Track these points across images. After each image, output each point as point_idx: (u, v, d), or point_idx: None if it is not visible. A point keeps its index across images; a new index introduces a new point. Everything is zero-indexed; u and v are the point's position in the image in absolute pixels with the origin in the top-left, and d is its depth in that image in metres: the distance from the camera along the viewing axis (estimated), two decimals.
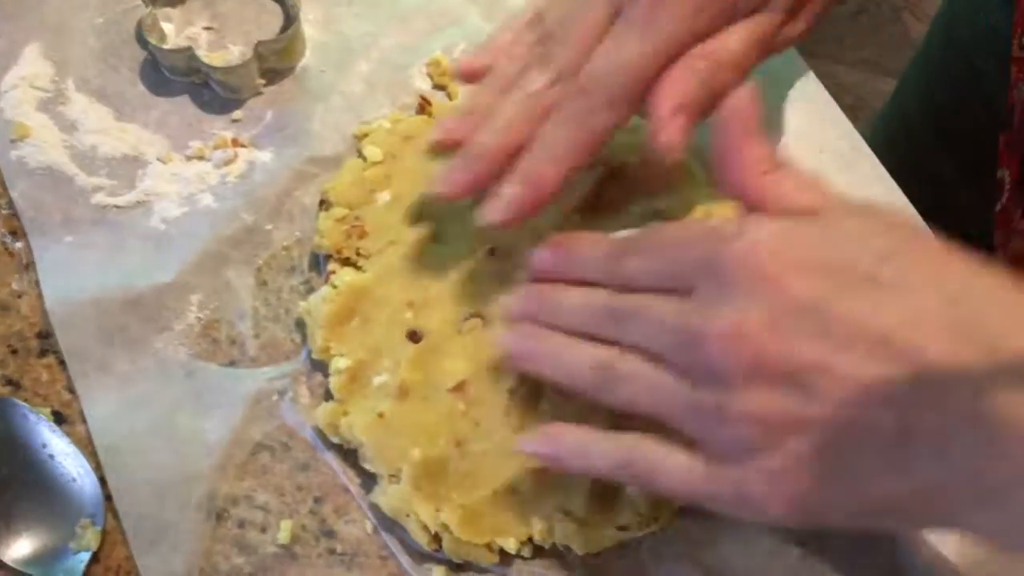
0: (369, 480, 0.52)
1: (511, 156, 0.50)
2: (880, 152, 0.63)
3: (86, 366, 0.54)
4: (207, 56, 0.62)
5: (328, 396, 0.53)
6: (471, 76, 0.53)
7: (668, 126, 0.48)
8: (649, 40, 0.48)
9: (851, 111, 0.65)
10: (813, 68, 0.65)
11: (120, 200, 0.59)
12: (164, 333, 0.55)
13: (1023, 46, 0.68)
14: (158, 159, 0.60)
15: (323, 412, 0.52)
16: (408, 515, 0.50)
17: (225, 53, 0.64)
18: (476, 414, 0.51)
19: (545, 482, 0.50)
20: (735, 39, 0.49)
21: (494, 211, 0.50)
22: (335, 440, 0.53)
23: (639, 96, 0.49)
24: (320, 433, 0.53)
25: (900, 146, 0.82)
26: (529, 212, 0.49)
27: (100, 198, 0.59)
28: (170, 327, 0.55)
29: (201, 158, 0.60)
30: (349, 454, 0.53)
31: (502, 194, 0.49)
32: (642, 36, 0.48)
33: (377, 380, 0.53)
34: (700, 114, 0.49)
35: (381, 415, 0.51)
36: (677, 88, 0.48)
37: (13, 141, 0.60)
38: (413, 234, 0.56)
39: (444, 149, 0.52)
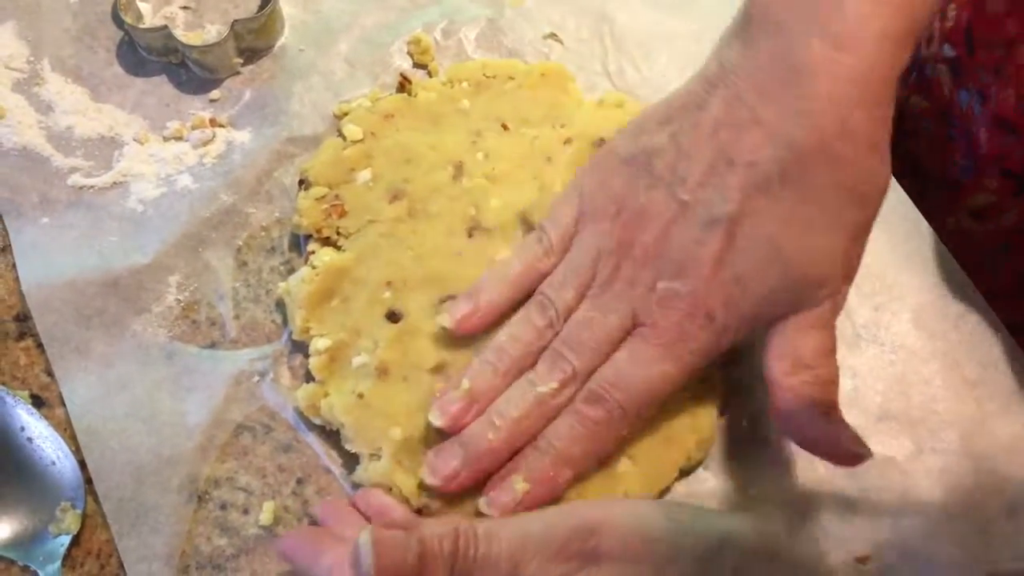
0: (351, 460, 0.52)
1: (515, 452, 0.49)
2: None
3: (64, 349, 0.54)
4: (184, 35, 0.62)
5: (309, 377, 0.53)
6: (466, 331, 0.52)
7: (842, 445, 0.47)
8: (680, 362, 0.48)
9: None
10: None
11: (96, 181, 0.58)
12: (143, 315, 0.55)
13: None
14: (135, 140, 0.60)
15: (303, 393, 0.52)
16: (391, 489, 0.50)
17: (202, 32, 0.63)
18: None
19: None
20: (802, 345, 0.48)
21: (498, 508, 0.47)
22: (316, 421, 0.52)
23: (654, 411, 0.50)
24: (302, 414, 0.53)
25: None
26: (535, 508, 0.48)
27: (76, 179, 0.58)
28: (148, 309, 0.55)
29: (178, 138, 0.60)
30: (331, 434, 0.53)
31: (515, 491, 0.47)
32: (672, 357, 0.48)
33: (357, 360, 0.52)
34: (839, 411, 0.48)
35: (361, 395, 0.51)
36: (811, 406, 0.47)
37: None
38: (393, 213, 0.56)
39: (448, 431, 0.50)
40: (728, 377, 0.55)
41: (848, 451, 0.46)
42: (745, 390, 0.55)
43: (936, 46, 0.72)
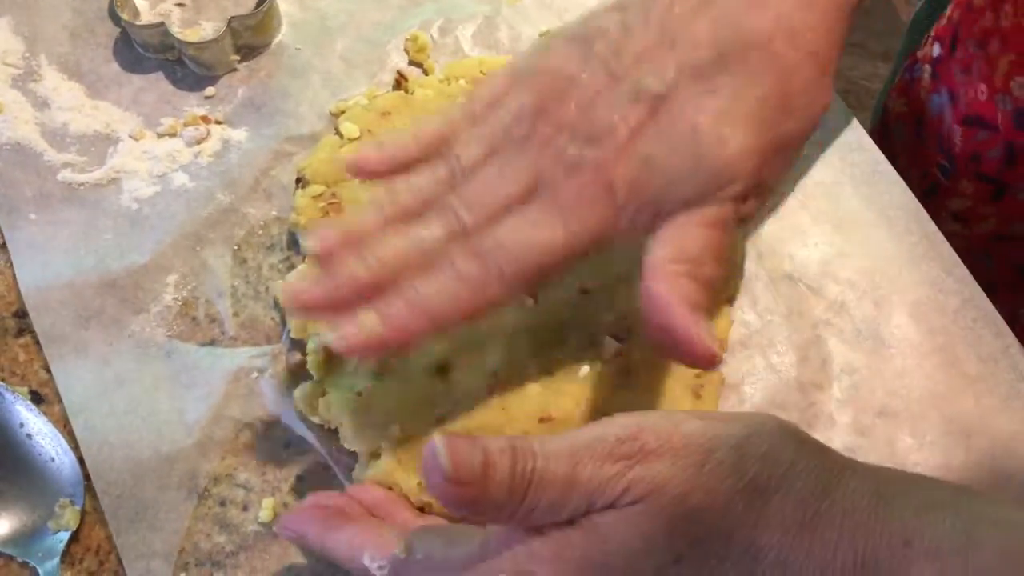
0: (350, 458, 0.52)
1: (379, 291, 0.46)
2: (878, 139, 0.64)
3: (62, 349, 0.54)
4: (180, 32, 0.62)
5: (307, 375, 0.53)
6: (363, 172, 0.50)
7: (698, 338, 0.44)
8: (568, 229, 0.46)
9: (841, 95, 0.65)
10: None
11: (88, 177, 0.58)
12: (141, 315, 0.55)
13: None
14: (130, 136, 0.60)
15: (301, 392, 0.52)
16: (391, 488, 0.49)
17: (199, 29, 0.63)
18: (456, 393, 0.51)
19: None
20: (692, 238, 0.46)
21: (346, 339, 0.44)
22: (315, 420, 0.52)
23: (535, 281, 0.47)
24: (300, 411, 0.53)
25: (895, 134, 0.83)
26: (379, 354, 0.47)
27: (67, 174, 0.58)
28: (147, 309, 0.55)
29: (173, 135, 0.60)
30: (330, 432, 0.52)
31: (362, 326, 0.44)
32: (562, 223, 0.46)
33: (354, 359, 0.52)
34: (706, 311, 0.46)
35: (359, 394, 0.51)
36: (678, 292, 0.45)
37: None
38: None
39: (318, 264, 0.47)
40: (728, 374, 0.55)
41: (704, 349, 0.44)
42: (745, 388, 0.55)
43: (929, 46, 0.73)
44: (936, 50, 0.70)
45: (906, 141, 0.74)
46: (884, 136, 0.65)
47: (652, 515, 0.39)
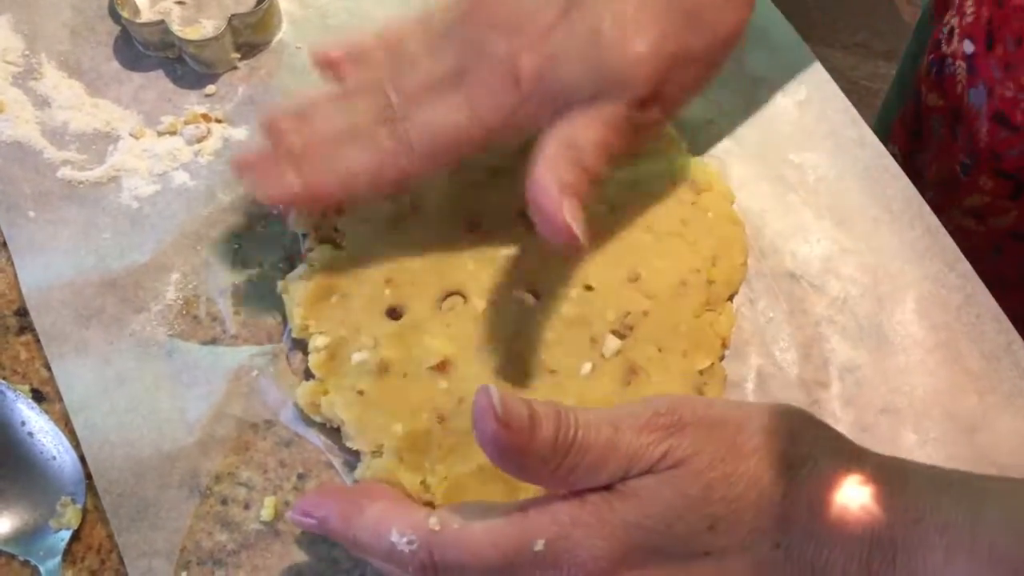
0: (353, 456, 0.52)
1: (308, 158, 0.51)
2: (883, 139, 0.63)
3: (63, 348, 0.53)
4: (180, 30, 0.62)
5: (309, 374, 0.53)
6: (324, 65, 0.54)
7: (561, 215, 0.47)
8: (475, 113, 0.49)
9: (845, 95, 0.65)
10: None
11: (88, 175, 0.58)
12: (142, 314, 0.55)
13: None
14: (130, 134, 0.59)
15: (303, 391, 0.52)
16: (394, 487, 0.49)
17: (199, 27, 0.63)
18: (459, 391, 0.51)
19: None
20: (582, 131, 0.49)
21: (266, 191, 0.51)
22: (316, 419, 0.52)
23: (445, 159, 0.50)
24: (302, 410, 0.53)
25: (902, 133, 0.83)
26: (291, 207, 0.53)
27: (67, 172, 0.58)
28: (147, 308, 0.55)
29: (173, 133, 0.60)
30: (332, 430, 0.52)
31: (283, 179, 0.50)
32: (470, 108, 0.49)
33: (356, 357, 0.52)
34: (581, 198, 0.48)
35: (361, 392, 0.51)
36: (555, 174, 0.48)
37: None
38: (390, 209, 0.56)
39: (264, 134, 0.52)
40: (731, 372, 0.55)
41: (564, 226, 0.46)
42: (748, 387, 0.55)
43: (957, 42, 0.72)
44: (968, 46, 0.70)
45: (941, 134, 0.74)
46: (911, 138, 0.66)
47: (689, 479, 0.41)
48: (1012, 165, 0.64)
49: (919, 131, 0.68)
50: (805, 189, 0.61)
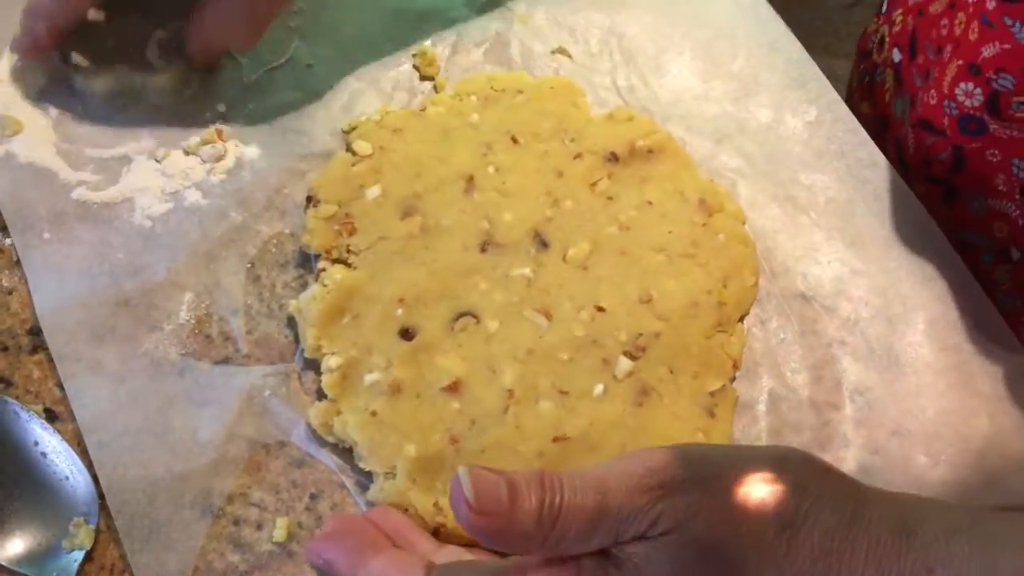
0: (365, 477, 0.52)
1: None
2: None
3: (76, 367, 0.53)
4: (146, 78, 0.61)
5: (321, 394, 0.53)
6: None
7: None
8: None
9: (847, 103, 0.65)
10: None
11: (102, 195, 0.58)
12: (154, 333, 0.55)
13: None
14: (145, 154, 0.59)
15: (316, 411, 0.52)
16: (407, 509, 0.49)
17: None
18: (471, 412, 0.51)
19: None
20: None
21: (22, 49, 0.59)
22: (329, 439, 0.52)
23: None
24: (314, 431, 0.53)
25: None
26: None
27: (81, 192, 0.58)
28: (160, 327, 0.55)
29: (188, 153, 0.60)
30: (344, 450, 0.52)
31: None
32: None
33: (369, 378, 0.52)
34: None
35: (374, 413, 0.51)
36: None
37: (8, 136, 0.59)
38: (403, 229, 0.56)
39: None
40: (742, 393, 0.55)
41: None
42: (759, 409, 0.55)
43: (887, 51, 0.73)
44: (896, 55, 0.71)
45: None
46: None
47: (683, 545, 0.40)
48: (940, 170, 0.65)
49: None
50: (816, 210, 0.61)
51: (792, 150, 0.62)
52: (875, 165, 0.62)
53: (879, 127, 0.74)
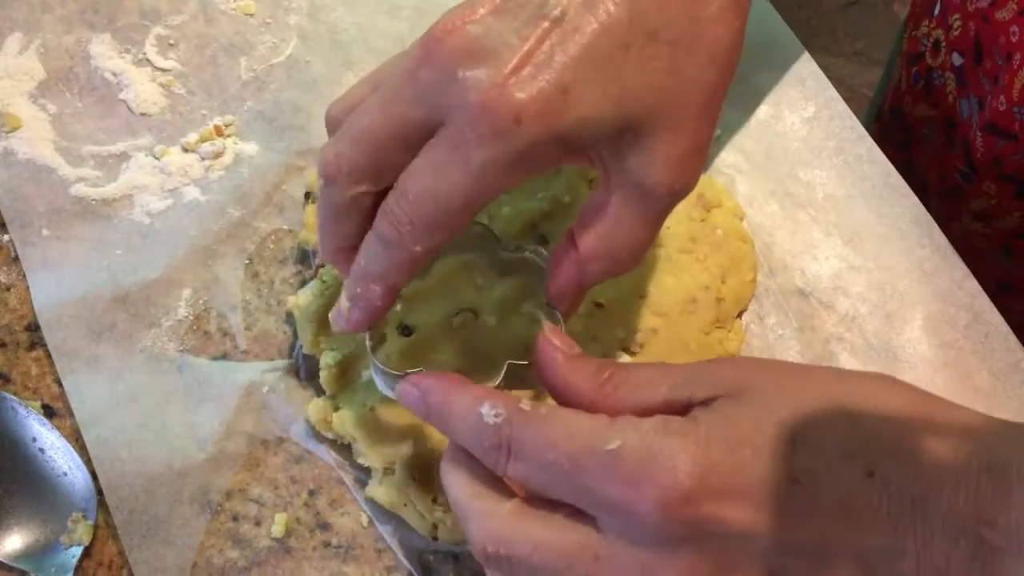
0: (364, 472, 0.52)
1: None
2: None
3: (75, 363, 0.54)
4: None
5: (319, 390, 0.53)
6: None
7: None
8: (463, 169, 0.41)
9: (845, 103, 0.65)
10: None
11: (101, 192, 0.58)
12: (152, 329, 0.55)
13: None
14: (144, 151, 0.59)
15: (314, 407, 0.52)
16: (406, 505, 0.49)
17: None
18: None
19: None
20: (625, 240, 0.44)
21: (337, 325, 0.47)
22: (327, 435, 0.52)
23: (458, 226, 0.43)
24: (312, 426, 0.53)
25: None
26: (367, 324, 0.47)
27: (80, 189, 0.58)
28: (158, 323, 0.55)
29: (187, 150, 0.60)
30: (343, 446, 0.52)
31: (341, 310, 0.46)
32: (455, 160, 0.41)
33: (367, 374, 0.52)
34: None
35: (372, 409, 0.51)
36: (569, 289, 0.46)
37: (6, 133, 0.59)
38: None
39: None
40: None
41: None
42: None
43: (944, 55, 0.73)
44: (956, 59, 0.71)
45: (936, 143, 0.75)
46: (906, 147, 0.66)
47: (769, 399, 0.40)
48: (1013, 168, 0.65)
49: (907, 142, 0.68)
50: (814, 206, 0.61)
51: (790, 146, 0.62)
52: (873, 161, 0.62)
53: (944, 128, 0.74)
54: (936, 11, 0.76)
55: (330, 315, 0.48)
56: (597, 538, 0.39)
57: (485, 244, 0.53)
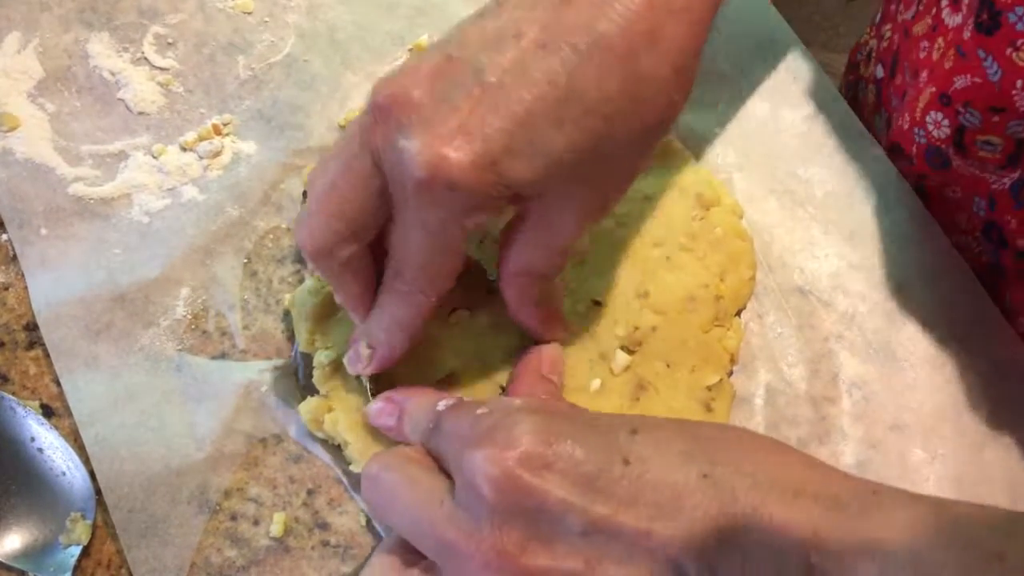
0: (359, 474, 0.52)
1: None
2: None
3: (72, 363, 0.54)
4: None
5: (314, 389, 0.53)
6: None
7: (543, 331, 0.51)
8: (432, 232, 0.44)
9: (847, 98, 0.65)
10: None
11: (99, 191, 0.58)
12: (151, 329, 0.55)
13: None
14: (143, 150, 0.59)
15: (306, 407, 0.52)
16: None
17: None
18: None
19: None
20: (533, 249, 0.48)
21: (354, 367, 0.51)
22: (320, 435, 0.52)
23: (453, 269, 0.47)
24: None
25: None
26: (386, 367, 0.50)
27: (78, 188, 0.58)
28: (157, 323, 0.55)
29: (185, 149, 0.60)
30: (336, 447, 0.52)
31: (360, 353, 0.50)
32: (416, 222, 0.44)
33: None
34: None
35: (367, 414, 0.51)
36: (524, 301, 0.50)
37: (5, 132, 0.59)
38: None
39: None
40: (739, 387, 0.55)
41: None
42: (756, 402, 0.55)
43: (872, 67, 0.73)
44: (879, 71, 0.71)
45: None
46: None
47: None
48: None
49: None
50: (813, 204, 0.61)
51: (789, 144, 0.62)
52: (873, 159, 0.62)
53: None
54: (877, 18, 0.75)
55: (344, 359, 0.51)
56: (450, 502, 0.43)
57: (473, 281, 0.54)
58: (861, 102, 0.75)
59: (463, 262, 0.47)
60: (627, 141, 0.45)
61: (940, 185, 0.61)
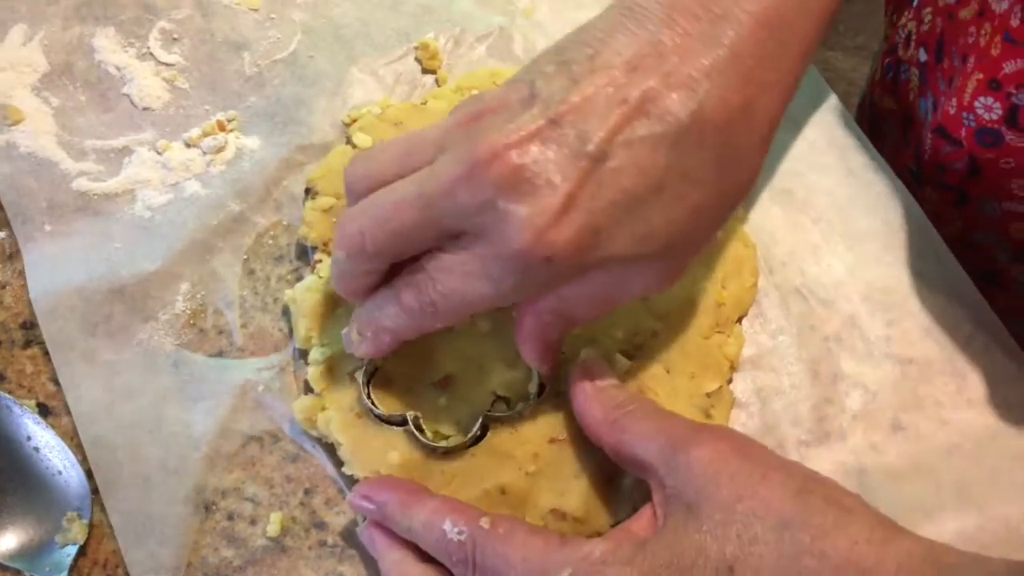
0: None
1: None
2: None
3: (70, 356, 0.53)
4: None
5: (309, 387, 0.53)
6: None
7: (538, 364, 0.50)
8: (493, 284, 0.44)
9: (844, 98, 0.65)
10: None
11: (102, 186, 0.58)
12: (149, 323, 0.55)
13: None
14: (147, 146, 0.59)
15: (299, 405, 0.52)
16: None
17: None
18: (459, 414, 0.51)
19: (537, 484, 0.50)
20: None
21: (349, 347, 0.50)
22: (313, 434, 0.52)
23: (464, 316, 0.47)
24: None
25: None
26: (381, 355, 0.50)
27: (83, 184, 0.58)
28: (155, 317, 0.55)
29: (189, 145, 0.60)
30: (330, 446, 0.52)
31: (352, 339, 0.49)
32: (484, 273, 0.44)
33: (358, 372, 0.52)
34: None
35: (359, 415, 0.51)
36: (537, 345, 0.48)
37: (9, 126, 0.59)
38: None
39: None
40: (739, 391, 0.55)
41: None
42: (755, 403, 0.55)
43: (913, 49, 0.72)
44: (923, 55, 0.70)
45: (894, 139, 0.74)
46: (873, 137, 0.66)
47: (712, 518, 0.43)
48: (953, 179, 0.65)
49: (873, 133, 0.68)
50: (815, 209, 0.60)
51: (792, 149, 0.62)
52: (874, 165, 0.62)
53: (902, 125, 0.73)
54: (915, 2, 0.75)
55: (342, 334, 0.50)
56: None
57: None
58: (903, 84, 0.74)
59: None
60: (715, 208, 0.46)
61: (994, 160, 0.62)
